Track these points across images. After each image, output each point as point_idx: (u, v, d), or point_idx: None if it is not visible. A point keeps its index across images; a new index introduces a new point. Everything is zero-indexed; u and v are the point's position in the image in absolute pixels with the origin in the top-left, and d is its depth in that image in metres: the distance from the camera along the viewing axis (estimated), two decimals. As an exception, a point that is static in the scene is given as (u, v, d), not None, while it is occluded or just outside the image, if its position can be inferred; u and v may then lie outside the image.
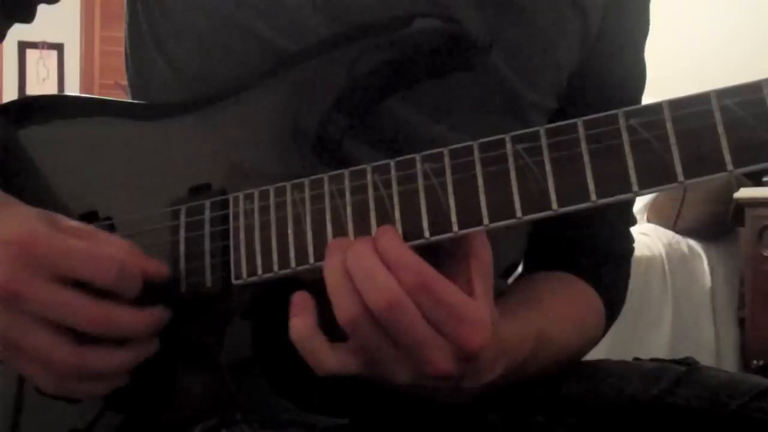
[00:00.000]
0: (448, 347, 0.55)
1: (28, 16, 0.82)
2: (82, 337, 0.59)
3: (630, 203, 0.88)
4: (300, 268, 0.59)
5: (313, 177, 0.60)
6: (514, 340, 0.63)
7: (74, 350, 0.59)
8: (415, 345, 0.54)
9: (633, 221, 0.88)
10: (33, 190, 0.73)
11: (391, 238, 0.55)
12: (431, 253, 0.56)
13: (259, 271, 0.61)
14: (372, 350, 0.56)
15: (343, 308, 0.55)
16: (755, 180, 3.05)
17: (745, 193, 3.00)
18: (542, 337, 0.67)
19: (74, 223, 0.62)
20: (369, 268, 0.54)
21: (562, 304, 0.76)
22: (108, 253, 0.59)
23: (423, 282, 0.54)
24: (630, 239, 0.88)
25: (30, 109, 0.76)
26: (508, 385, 0.65)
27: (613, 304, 0.83)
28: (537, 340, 0.66)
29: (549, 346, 0.69)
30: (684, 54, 3.69)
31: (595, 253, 0.83)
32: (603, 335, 0.83)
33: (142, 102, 0.78)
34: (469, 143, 0.56)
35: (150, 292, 0.62)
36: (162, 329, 0.62)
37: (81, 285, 0.58)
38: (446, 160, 0.56)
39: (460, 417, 0.72)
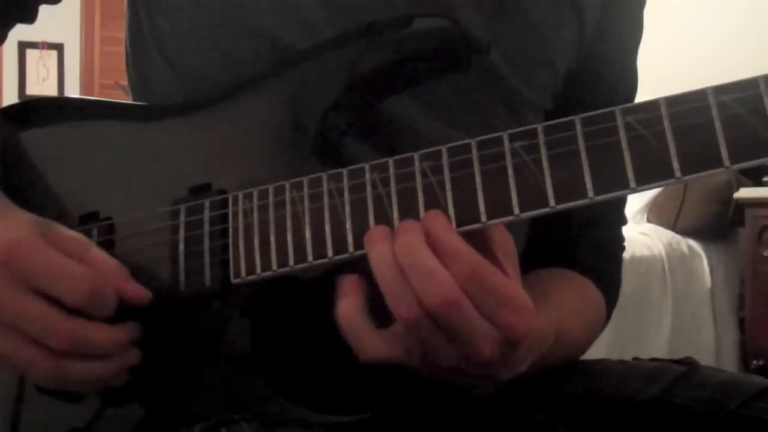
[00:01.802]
0: (495, 334, 0.55)
1: (30, 17, 0.82)
2: None
3: (623, 202, 0.89)
4: (298, 266, 0.59)
5: (311, 176, 0.60)
6: (540, 334, 0.63)
7: (52, 362, 0.59)
8: (467, 334, 0.54)
9: (624, 221, 0.89)
10: (34, 192, 0.73)
11: (442, 225, 0.54)
12: None
13: (258, 270, 0.61)
14: (424, 341, 0.55)
15: (401, 306, 0.54)
16: (755, 180, 3.05)
17: (745, 193, 3.00)
18: (560, 332, 0.67)
19: (68, 234, 0.62)
20: (423, 263, 0.53)
21: (572, 299, 0.76)
22: (83, 273, 0.59)
23: (474, 271, 0.53)
24: (623, 238, 0.88)
25: (31, 111, 0.76)
26: (522, 378, 0.65)
27: (611, 299, 0.84)
28: (557, 335, 0.66)
29: (565, 340, 0.70)
30: (683, 55, 3.69)
31: (594, 250, 0.83)
32: (603, 330, 0.83)
33: (142, 103, 0.78)
34: (468, 141, 0.56)
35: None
36: (159, 332, 0.62)
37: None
38: (444, 157, 0.56)
39: (459, 416, 0.72)
